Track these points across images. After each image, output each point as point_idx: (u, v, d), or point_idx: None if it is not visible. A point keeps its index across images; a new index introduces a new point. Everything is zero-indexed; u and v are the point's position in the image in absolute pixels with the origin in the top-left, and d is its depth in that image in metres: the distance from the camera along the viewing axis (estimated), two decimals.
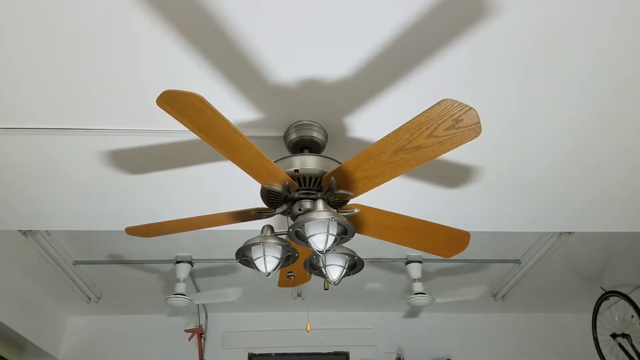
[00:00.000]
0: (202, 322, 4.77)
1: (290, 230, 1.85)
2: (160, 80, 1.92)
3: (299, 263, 2.18)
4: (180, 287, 3.88)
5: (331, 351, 4.77)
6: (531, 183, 2.57)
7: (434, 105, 1.49)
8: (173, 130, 2.14)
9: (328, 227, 1.79)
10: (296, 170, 1.92)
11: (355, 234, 1.92)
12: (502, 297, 4.59)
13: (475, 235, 2.29)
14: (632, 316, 4.10)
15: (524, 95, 2.04)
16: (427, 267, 4.12)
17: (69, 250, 3.86)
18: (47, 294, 4.47)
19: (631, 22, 1.74)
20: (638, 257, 4.05)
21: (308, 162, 1.94)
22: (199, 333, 4.63)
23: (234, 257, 2.02)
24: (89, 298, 4.47)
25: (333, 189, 1.87)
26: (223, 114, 1.54)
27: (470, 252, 2.65)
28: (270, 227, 2.03)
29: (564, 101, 2.07)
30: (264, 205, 2.02)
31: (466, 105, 1.47)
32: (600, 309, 4.49)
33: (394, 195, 2.59)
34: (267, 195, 1.95)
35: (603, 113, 2.14)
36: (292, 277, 2.45)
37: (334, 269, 2.05)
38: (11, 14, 1.66)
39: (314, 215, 1.79)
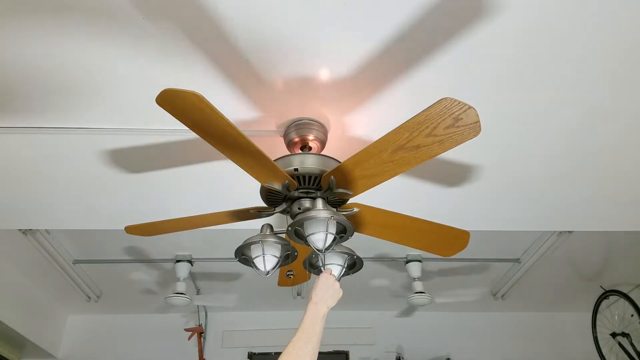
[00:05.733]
0: (202, 321, 4.77)
1: (290, 228, 1.85)
2: (159, 79, 1.92)
3: (298, 262, 2.18)
4: (180, 286, 3.88)
5: (331, 350, 4.77)
6: (531, 182, 2.57)
7: (434, 104, 1.48)
8: (173, 129, 2.14)
9: (327, 226, 1.79)
10: (296, 169, 1.92)
11: (355, 232, 1.92)
12: (502, 296, 4.59)
13: (474, 234, 2.29)
14: (632, 315, 4.09)
15: (524, 94, 2.03)
16: (427, 266, 4.12)
17: (68, 249, 3.86)
18: (47, 293, 4.46)
19: (625, 20, 1.73)
20: (638, 256, 4.05)
21: (307, 161, 1.94)
22: (199, 332, 4.63)
23: (234, 256, 2.02)
24: (89, 297, 4.47)
25: (332, 188, 1.86)
26: (222, 113, 1.54)
27: (469, 251, 2.65)
28: (270, 226, 2.03)
29: (562, 100, 2.07)
30: (263, 204, 2.02)
31: (466, 104, 1.47)
32: (600, 308, 4.48)
33: (393, 194, 2.58)
34: (267, 194, 1.94)
35: (601, 112, 2.14)
36: (291, 276, 2.45)
37: (333, 268, 2.05)
38: (11, 15, 1.66)
39: (313, 213, 1.79)
